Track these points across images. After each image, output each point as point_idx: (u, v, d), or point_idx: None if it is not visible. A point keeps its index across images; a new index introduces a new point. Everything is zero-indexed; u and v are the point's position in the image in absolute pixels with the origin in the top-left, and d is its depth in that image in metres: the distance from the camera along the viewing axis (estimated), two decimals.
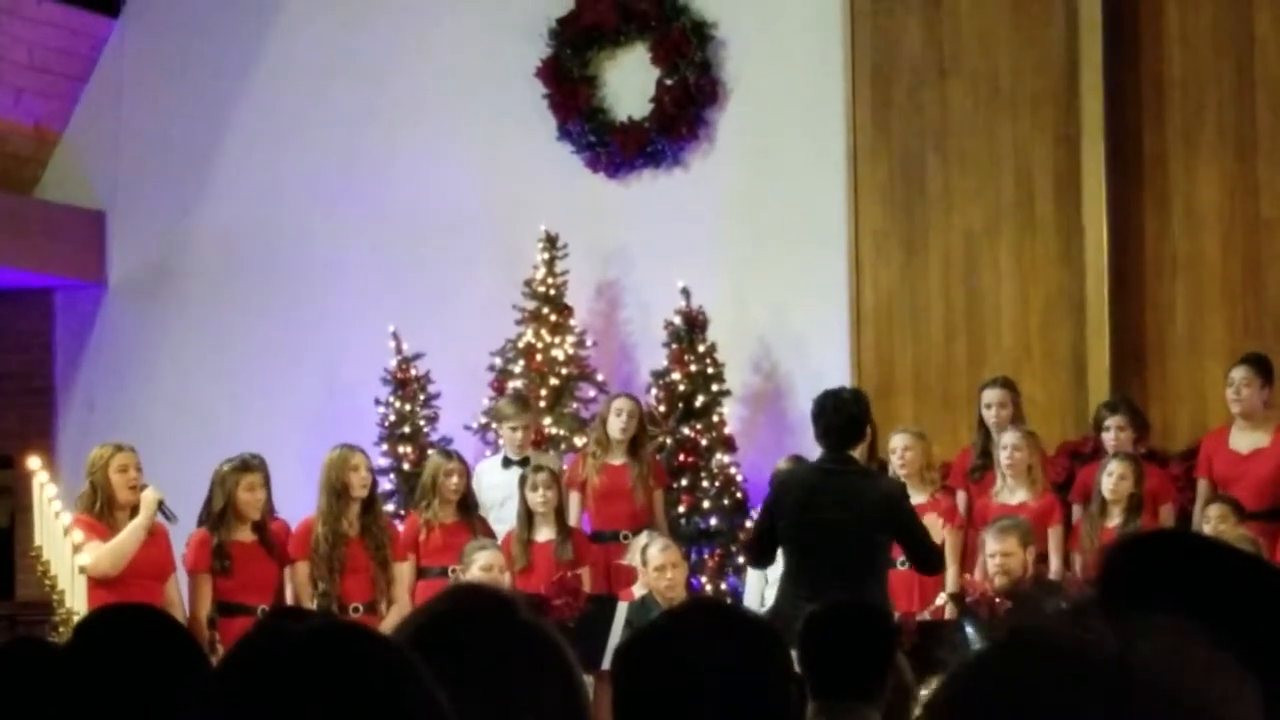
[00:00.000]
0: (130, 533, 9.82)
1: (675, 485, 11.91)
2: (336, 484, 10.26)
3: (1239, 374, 10.61)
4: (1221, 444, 10.66)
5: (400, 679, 1.75)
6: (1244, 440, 10.59)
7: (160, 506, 9.93)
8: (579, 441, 11.96)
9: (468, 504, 10.69)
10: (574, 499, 11.27)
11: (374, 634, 1.84)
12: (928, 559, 9.20)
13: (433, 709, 1.76)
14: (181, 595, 10.06)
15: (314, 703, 1.69)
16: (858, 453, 9.59)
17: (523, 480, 10.80)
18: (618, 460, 11.34)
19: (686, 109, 12.94)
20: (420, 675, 1.76)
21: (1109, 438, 10.72)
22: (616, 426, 11.29)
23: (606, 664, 8.37)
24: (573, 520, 11.08)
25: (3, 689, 3.26)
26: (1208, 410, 11.23)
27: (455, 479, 10.63)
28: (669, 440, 12.09)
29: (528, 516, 10.69)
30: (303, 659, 1.72)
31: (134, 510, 9.92)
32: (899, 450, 10.69)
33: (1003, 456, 10.57)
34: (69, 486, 10.78)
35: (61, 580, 9.73)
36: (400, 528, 10.81)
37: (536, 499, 10.64)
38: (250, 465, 10.18)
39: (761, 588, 10.36)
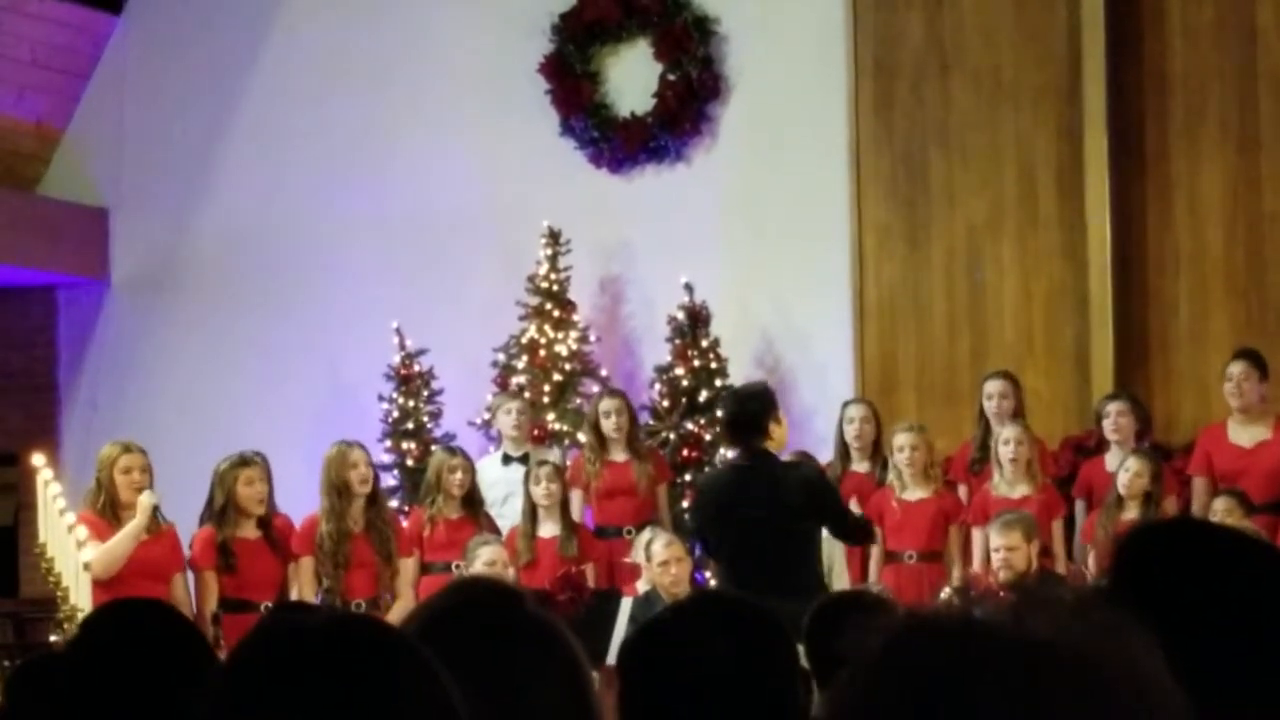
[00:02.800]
0: (122, 538, 9.79)
1: (679, 480, 11.90)
2: (337, 482, 10.26)
3: (1237, 369, 10.56)
4: (1221, 439, 10.60)
5: (409, 671, 1.75)
6: (1244, 434, 10.55)
7: (155, 512, 9.92)
8: (583, 437, 11.95)
9: (472, 500, 10.69)
10: (576, 497, 11.26)
11: (384, 626, 1.84)
12: (850, 533, 9.71)
13: (441, 701, 1.76)
14: (189, 593, 10.05)
15: (324, 695, 1.70)
16: (866, 445, 9.58)
17: (527, 475, 10.81)
18: (620, 457, 11.33)
19: (689, 104, 12.94)
20: (430, 668, 1.76)
21: (1109, 425, 10.70)
22: (610, 427, 11.28)
23: (611, 659, 8.37)
24: (576, 519, 11.06)
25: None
26: (1211, 404, 11.19)
27: (459, 475, 10.63)
28: (672, 435, 12.09)
29: (532, 511, 10.69)
30: (314, 651, 1.73)
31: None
32: (905, 449, 10.56)
33: (1004, 451, 10.50)
34: (73, 484, 10.77)
35: (65, 578, 9.73)
36: (405, 523, 10.82)
37: (540, 493, 10.64)
38: (248, 460, 10.18)
39: None
